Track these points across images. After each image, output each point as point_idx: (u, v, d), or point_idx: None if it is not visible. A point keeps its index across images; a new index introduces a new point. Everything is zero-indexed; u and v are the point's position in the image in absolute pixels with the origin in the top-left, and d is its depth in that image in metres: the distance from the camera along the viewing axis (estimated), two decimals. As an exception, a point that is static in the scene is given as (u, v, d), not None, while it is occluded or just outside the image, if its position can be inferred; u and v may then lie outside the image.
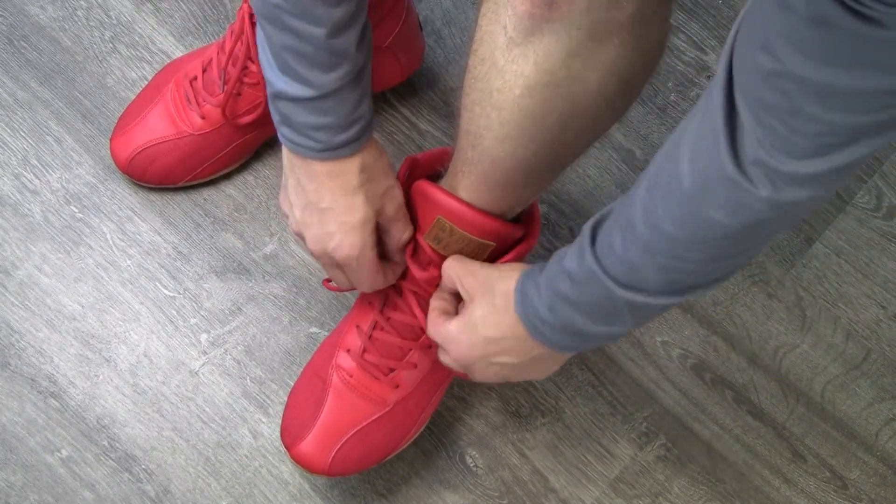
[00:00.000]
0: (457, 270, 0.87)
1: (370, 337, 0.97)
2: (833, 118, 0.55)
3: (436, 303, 0.90)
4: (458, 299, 0.90)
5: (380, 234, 0.90)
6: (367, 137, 0.85)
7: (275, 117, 0.85)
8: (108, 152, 1.13)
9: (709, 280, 0.71)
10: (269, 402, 1.08)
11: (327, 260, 0.90)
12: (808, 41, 0.52)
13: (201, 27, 1.21)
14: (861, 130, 0.55)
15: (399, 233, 0.89)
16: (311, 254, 0.91)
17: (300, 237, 0.90)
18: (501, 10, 0.73)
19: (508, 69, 0.74)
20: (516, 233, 0.89)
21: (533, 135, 0.78)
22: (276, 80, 0.82)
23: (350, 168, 0.85)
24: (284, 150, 0.87)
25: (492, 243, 0.87)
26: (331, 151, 0.84)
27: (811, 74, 0.53)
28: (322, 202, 0.86)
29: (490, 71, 0.76)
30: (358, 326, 0.98)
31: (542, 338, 0.80)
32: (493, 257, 0.90)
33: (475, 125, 0.79)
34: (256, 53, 1.05)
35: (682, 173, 0.65)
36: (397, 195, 0.88)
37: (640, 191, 0.70)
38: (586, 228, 0.75)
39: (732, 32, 0.60)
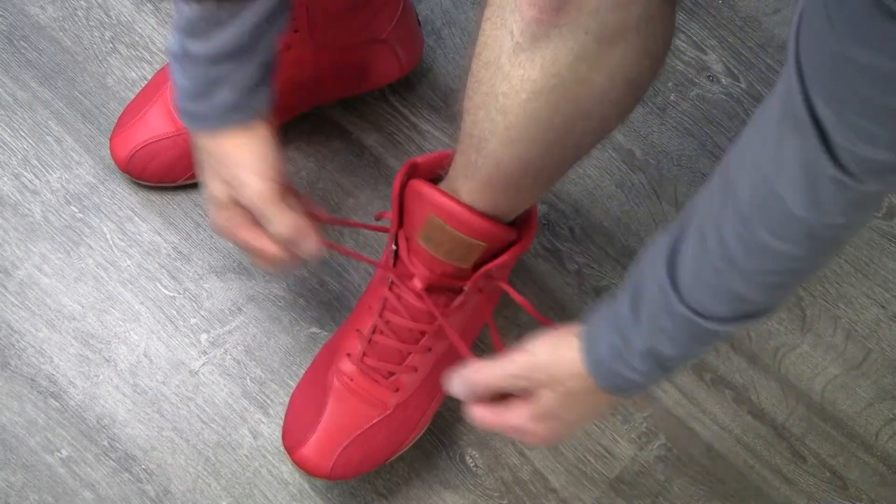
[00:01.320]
0: (495, 371, 0.82)
1: (370, 341, 0.97)
2: None
3: (472, 395, 0.84)
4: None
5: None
6: (222, 124, 0.83)
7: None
8: (108, 152, 1.13)
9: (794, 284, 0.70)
10: (269, 402, 1.08)
11: None
12: (870, 33, 0.50)
13: (201, 27, 1.21)
14: None
15: (266, 227, 0.85)
16: None
17: None
18: (508, 16, 0.72)
19: (514, 73, 0.74)
20: (510, 235, 0.88)
21: (539, 138, 0.77)
22: (169, 35, 0.83)
23: (201, 143, 0.86)
24: None
25: (482, 244, 0.87)
26: (182, 116, 0.85)
27: (878, 63, 0.50)
28: (197, 171, 0.88)
29: (495, 75, 0.75)
30: (358, 331, 0.98)
31: (626, 391, 0.78)
32: (483, 260, 0.89)
33: (479, 129, 0.79)
34: None
35: (784, 195, 0.62)
36: (246, 193, 0.84)
37: (725, 223, 0.67)
38: (664, 276, 0.71)
39: (793, 34, 0.57)
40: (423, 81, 1.21)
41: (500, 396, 0.83)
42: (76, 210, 1.13)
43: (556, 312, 1.13)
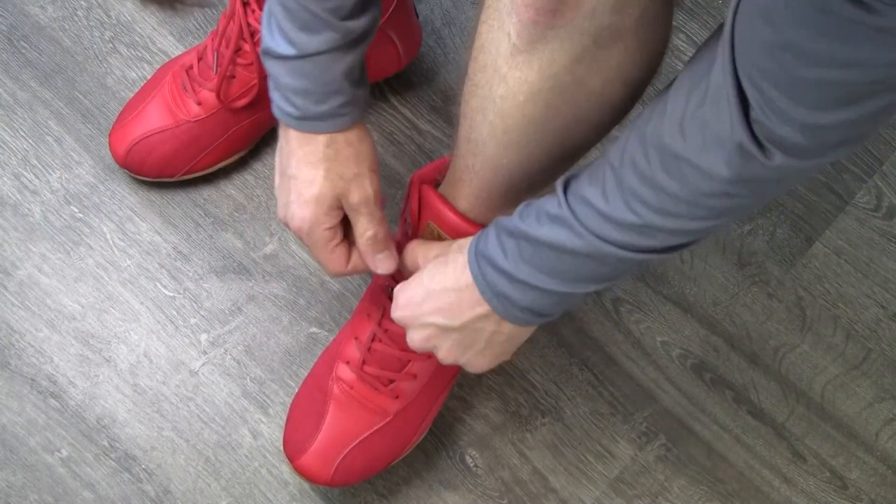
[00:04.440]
0: (420, 250, 0.87)
1: (369, 349, 0.97)
2: (830, 79, 0.56)
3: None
4: None
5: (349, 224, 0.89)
6: (348, 119, 0.84)
7: (269, 83, 0.85)
8: (108, 151, 1.13)
9: (686, 239, 0.72)
10: (269, 402, 1.08)
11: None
12: (809, 19, 0.53)
13: (201, 27, 1.21)
14: (855, 93, 0.57)
15: (361, 228, 0.88)
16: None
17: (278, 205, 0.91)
18: (505, 18, 0.72)
19: (512, 76, 0.74)
20: None
21: (537, 141, 0.77)
22: (267, 37, 0.82)
23: (318, 140, 0.84)
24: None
25: None
26: (306, 122, 0.83)
27: (808, 44, 0.54)
28: (289, 168, 0.86)
29: (492, 78, 0.75)
30: (357, 338, 0.98)
31: (490, 288, 0.78)
32: None
33: (477, 132, 0.78)
34: (249, 34, 1.06)
35: (680, 143, 0.66)
36: (366, 186, 0.86)
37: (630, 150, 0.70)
38: (557, 184, 0.75)
39: (732, 7, 0.60)
40: (423, 81, 1.21)
41: None
42: (76, 210, 1.13)
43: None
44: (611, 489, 1.09)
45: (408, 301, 0.84)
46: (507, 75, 0.73)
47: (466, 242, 0.81)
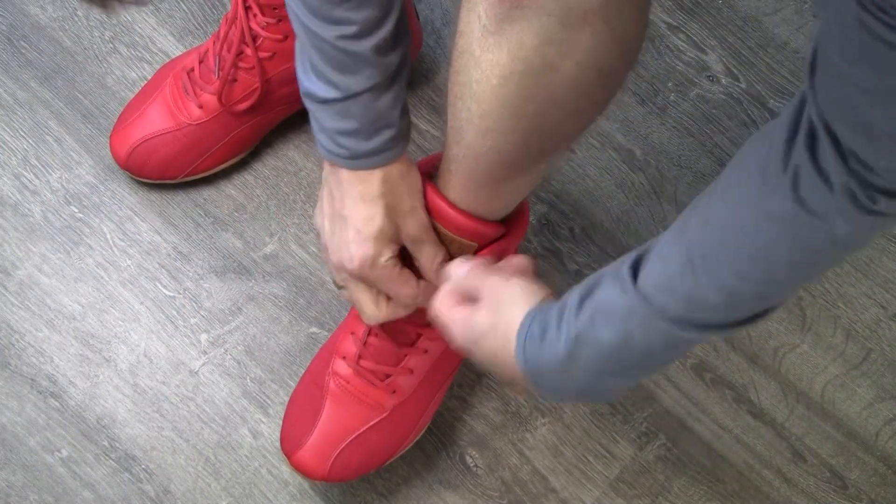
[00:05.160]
0: (474, 271, 0.85)
1: (365, 343, 0.97)
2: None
3: (451, 285, 0.85)
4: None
5: (412, 256, 0.88)
6: (397, 151, 0.84)
7: (312, 124, 0.85)
8: (108, 151, 1.13)
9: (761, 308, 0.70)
10: (269, 402, 1.08)
11: (345, 277, 0.88)
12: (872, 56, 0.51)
13: (201, 27, 1.21)
14: None
15: (430, 256, 0.87)
16: (332, 271, 0.89)
17: (326, 251, 0.89)
18: (476, 0, 0.73)
19: (484, 58, 0.74)
20: (499, 233, 0.88)
21: (513, 126, 0.77)
22: (305, 79, 0.82)
23: (373, 177, 0.84)
24: (324, 162, 0.86)
25: (474, 243, 0.87)
26: (358, 160, 0.83)
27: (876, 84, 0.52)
28: (344, 209, 0.85)
29: (468, 62, 0.75)
30: (353, 333, 0.98)
31: (532, 370, 0.78)
32: None
33: (458, 119, 0.79)
34: (251, 38, 1.06)
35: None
36: (421, 217, 0.86)
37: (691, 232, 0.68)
38: (625, 267, 0.71)
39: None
40: (423, 81, 1.21)
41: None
42: (76, 210, 1.13)
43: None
44: (611, 489, 1.09)
45: (463, 343, 0.82)
46: (480, 58, 0.74)
47: (512, 311, 0.79)
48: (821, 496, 1.10)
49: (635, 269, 0.71)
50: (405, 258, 0.88)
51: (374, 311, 0.90)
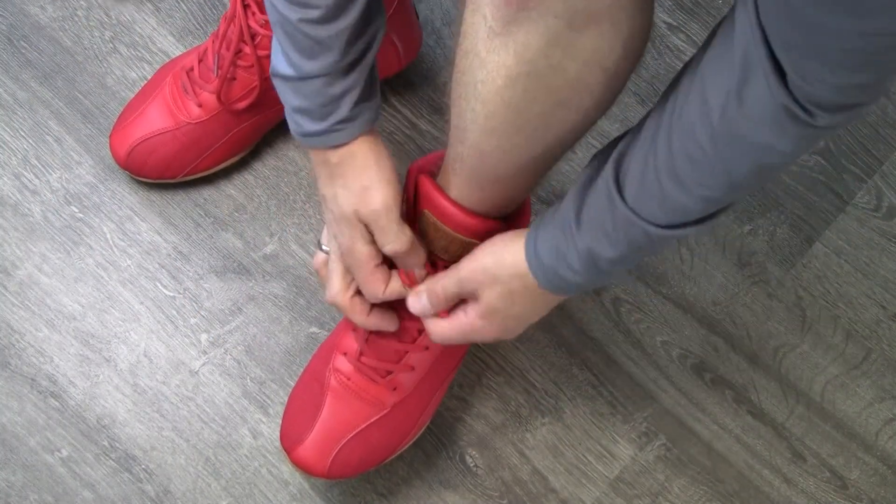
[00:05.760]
0: (449, 278, 0.87)
1: (366, 340, 0.97)
2: (852, 48, 0.57)
3: (428, 309, 0.89)
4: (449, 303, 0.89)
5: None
6: (346, 134, 0.85)
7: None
8: (108, 151, 1.13)
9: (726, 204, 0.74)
10: (269, 402, 1.08)
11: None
12: None
13: (201, 27, 1.21)
14: (881, 55, 0.58)
15: (382, 241, 0.86)
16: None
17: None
18: (481, 1, 0.73)
19: (490, 60, 0.74)
20: (500, 230, 0.88)
21: (518, 127, 0.77)
22: (273, 55, 0.84)
23: (328, 155, 0.85)
24: None
25: (476, 241, 0.87)
26: (309, 138, 0.85)
27: (828, 19, 0.55)
28: (319, 189, 0.87)
29: (473, 63, 0.76)
30: (354, 330, 0.98)
31: (565, 291, 0.82)
32: None
33: (462, 119, 0.79)
34: (250, 36, 1.06)
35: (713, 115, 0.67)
36: (373, 199, 0.85)
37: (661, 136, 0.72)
38: (610, 180, 0.75)
39: None
40: (423, 81, 1.21)
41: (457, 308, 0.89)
42: (76, 210, 1.13)
43: (556, 310, 1.13)
44: (611, 489, 1.09)
45: (504, 330, 0.86)
46: (485, 59, 0.74)
47: (511, 257, 0.83)
48: (821, 496, 1.10)
49: (618, 181, 0.75)
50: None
51: (335, 290, 0.91)
